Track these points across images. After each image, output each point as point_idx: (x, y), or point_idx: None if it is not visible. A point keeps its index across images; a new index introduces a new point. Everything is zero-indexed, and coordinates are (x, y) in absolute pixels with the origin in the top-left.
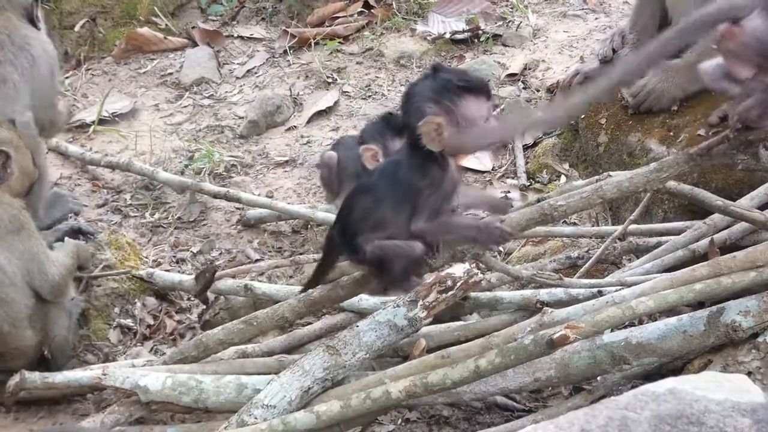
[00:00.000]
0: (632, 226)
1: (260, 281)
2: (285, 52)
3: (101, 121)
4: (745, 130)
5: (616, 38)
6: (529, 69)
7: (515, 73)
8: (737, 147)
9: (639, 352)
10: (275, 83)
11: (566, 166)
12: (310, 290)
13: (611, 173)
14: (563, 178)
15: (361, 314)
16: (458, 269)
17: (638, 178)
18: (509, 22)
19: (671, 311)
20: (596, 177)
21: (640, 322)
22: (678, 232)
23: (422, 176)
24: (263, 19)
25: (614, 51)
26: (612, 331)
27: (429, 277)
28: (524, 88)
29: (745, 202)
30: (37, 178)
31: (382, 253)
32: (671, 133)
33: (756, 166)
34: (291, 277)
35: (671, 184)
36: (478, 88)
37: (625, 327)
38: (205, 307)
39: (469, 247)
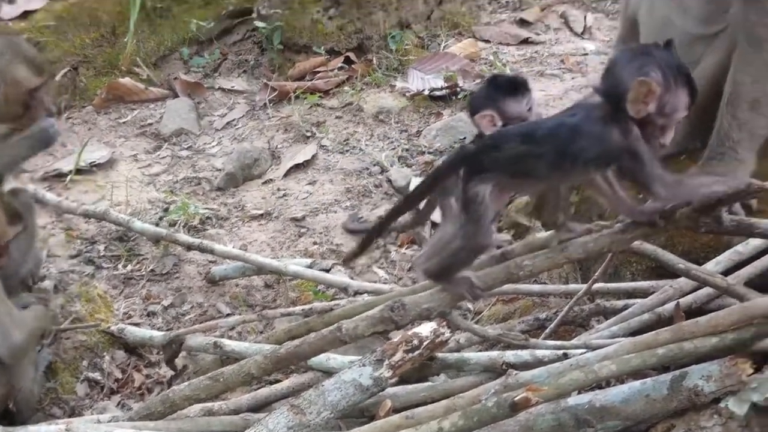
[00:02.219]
0: (600, 286)
1: (230, 337)
2: (265, 105)
3: (79, 171)
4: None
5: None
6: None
7: None
8: (700, 211)
9: (603, 415)
10: (254, 136)
11: (538, 224)
12: (277, 347)
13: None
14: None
15: (329, 373)
16: (425, 328)
17: (603, 239)
18: None
19: (639, 374)
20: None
21: (608, 384)
22: (645, 293)
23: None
24: (245, 71)
25: None
26: (579, 393)
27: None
28: None
29: (711, 267)
30: (9, 238)
31: (476, 205)
32: (640, 196)
33: (719, 229)
34: (261, 332)
35: (636, 243)
36: (693, 89)
37: (591, 389)
38: (174, 373)
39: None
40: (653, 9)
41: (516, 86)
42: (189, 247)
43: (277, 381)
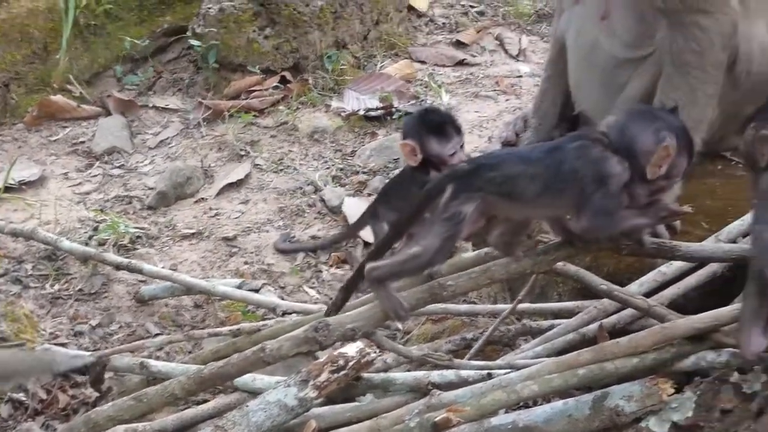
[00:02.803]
0: (527, 306)
1: (158, 357)
2: (199, 123)
3: (7, 189)
4: None
5: (518, 122)
6: None
7: None
8: (622, 233)
9: None
10: (188, 154)
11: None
12: (201, 368)
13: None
14: None
15: (255, 393)
16: (351, 348)
17: (526, 260)
18: (422, 100)
19: (565, 393)
20: (484, 250)
21: (535, 403)
22: (570, 313)
23: (598, 168)
24: (180, 90)
25: (517, 135)
26: (507, 411)
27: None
28: None
29: (635, 288)
30: None
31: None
32: (568, 217)
33: (640, 252)
34: (189, 352)
35: (559, 265)
36: (693, 154)
37: (516, 409)
38: (99, 394)
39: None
40: (581, 32)
41: (444, 128)
42: (118, 267)
43: (205, 401)
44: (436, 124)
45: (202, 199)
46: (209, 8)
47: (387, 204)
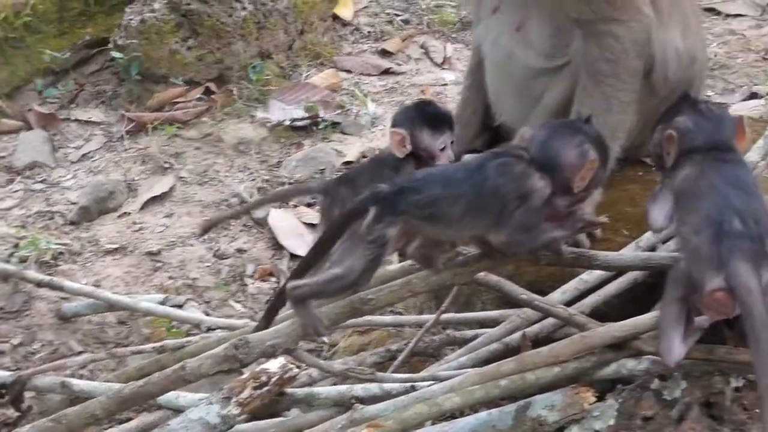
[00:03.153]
0: (451, 316)
1: (82, 376)
2: (122, 136)
3: None
4: None
5: None
6: (366, 157)
7: (351, 161)
8: None
9: None
10: (111, 168)
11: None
12: (122, 386)
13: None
14: None
15: (179, 411)
16: (274, 364)
17: (445, 272)
18: (348, 110)
19: (491, 404)
20: (408, 261)
21: (462, 414)
22: (495, 322)
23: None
24: (102, 102)
25: None
26: (433, 423)
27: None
28: None
29: (556, 296)
30: None
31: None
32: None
33: (559, 262)
34: (113, 370)
35: (480, 275)
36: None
37: (444, 420)
38: (19, 415)
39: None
40: (497, 43)
41: (439, 121)
42: (39, 284)
43: (130, 419)
44: (430, 117)
45: (126, 213)
46: (131, 20)
47: (351, 188)
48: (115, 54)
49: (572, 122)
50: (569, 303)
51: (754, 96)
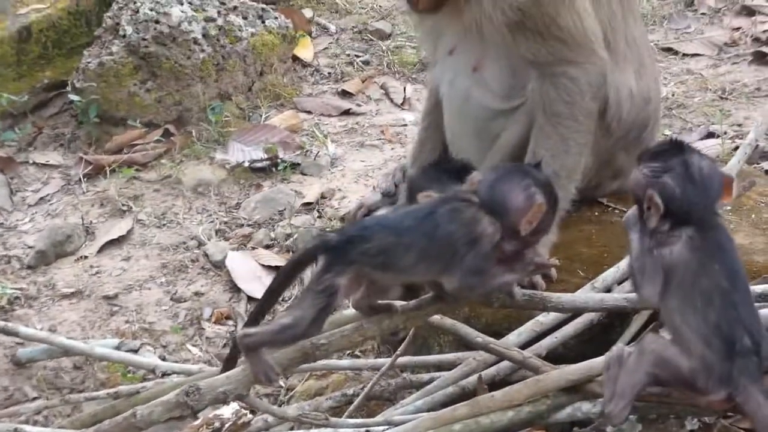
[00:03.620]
0: (408, 359)
1: (36, 422)
2: (80, 179)
3: None
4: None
5: (397, 173)
6: (325, 198)
7: (311, 202)
8: None
9: None
10: (68, 211)
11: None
12: None
13: None
14: None
15: None
16: (227, 410)
17: (398, 316)
18: (307, 151)
19: None
20: None
21: None
22: (450, 365)
23: (471, 230)
24: (61, 145)
25: (396, 185)
26: None
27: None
28: (319, 217)
29: (513, 338)
30: None
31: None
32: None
33: (512, 304)
34: (68, 416)
35: (435, 318)
36: (556, 207)
37: None
38: None
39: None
40: (454, 84)
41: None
42: None
43: None
44: (453, 172)
45: (83, 256)
46: (89, 62)
47: None
48: (74, 97)
49: (520, 166)
50: (525, 345)
51: (711, 135)
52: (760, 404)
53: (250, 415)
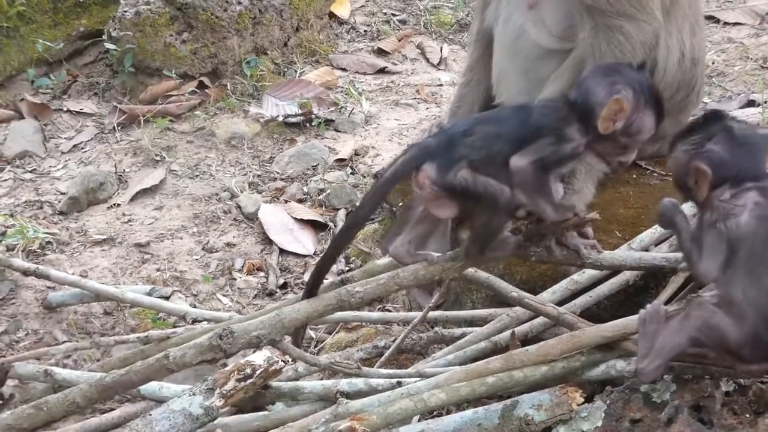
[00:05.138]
0: (440, 314)
1: (66, 365)
2: (114, 128)
3: None
4: (537, 224)
5: (433, 129)
6: (359, 155)
7: (344, 158)
8: (530, 239)
9: None
10: (102, 159)
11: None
12: (104, 375)
13: None
14: None
15: (162, 402)
16: (258, 356)
17: (435, 266)
18: (342, 108)
19: (479, 402)
20: None
21: (448, 412)
22: (483, 321)
23: (558, 129)
24: (95, 94)
25: None
26: (420, 419)
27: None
28: (352, 174)
29: (547, 296)
30: None
31: (472, 185)
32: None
33: (548, 258)
34: (98, 360)
35: (470, 271)
36: (661, 113)
37: (430, 417)
38: (1, 402)
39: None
40: (508, 20)
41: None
42: (25, 273)
43: (112, 409)
44: None
45: (116, 204)
46: (125, 12)
47: None
48: (109, 46)
49: (616, 65)
50: (560, 303)
51: (751, 104)
52: None
53: (281, 363)
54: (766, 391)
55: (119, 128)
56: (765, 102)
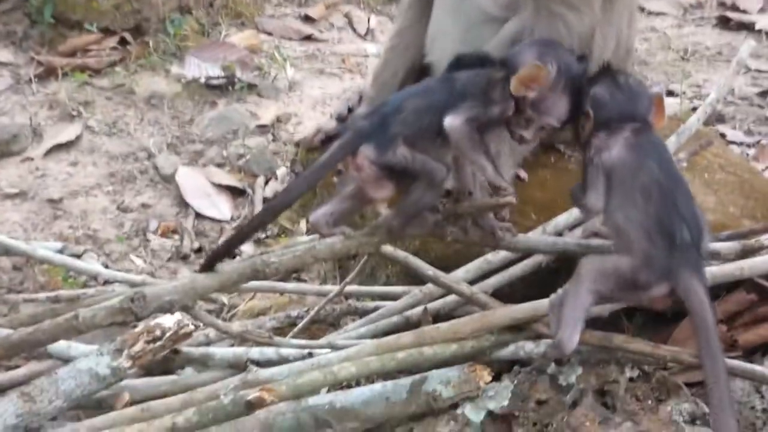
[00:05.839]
0: (353, 288)
1: None
2: (31, 79)
3: None
4: (456, 204)
5: (353, 97)
6: (281, 122)
7: (266, 124)
8: (448, 219)
9: (342, 416)
10: (16, 111)
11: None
12: (11, 332)
13: None
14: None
15: (70, 362)
16: (169, 319)
17: (351, 241)
18: (266, 73)
19: (389, 376)
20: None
21: (358, 384)
22: (396, 296)
23: (483, 93)
24: (13, 43)
25: (350, 110)
26: (329, 391)
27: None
28: (273, 141)
29: (461, 274)
30: None
31: (411, 162)
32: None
33: (464, 239)
34: (5, 315)
35: (388, 248)
36: (580, 108)
37: (339, 389)
38: None
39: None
40: None
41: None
42: None
43: (18, 366)
44: None
45: (29, 158)
46: None
47: None
48: None
49: (559, 44)
50: (473, 282)
51: (670, 94)
52: (699, 294)
53: (191, 327)
54: (669, 379)
55: (36, 80)
56: (683, 93)
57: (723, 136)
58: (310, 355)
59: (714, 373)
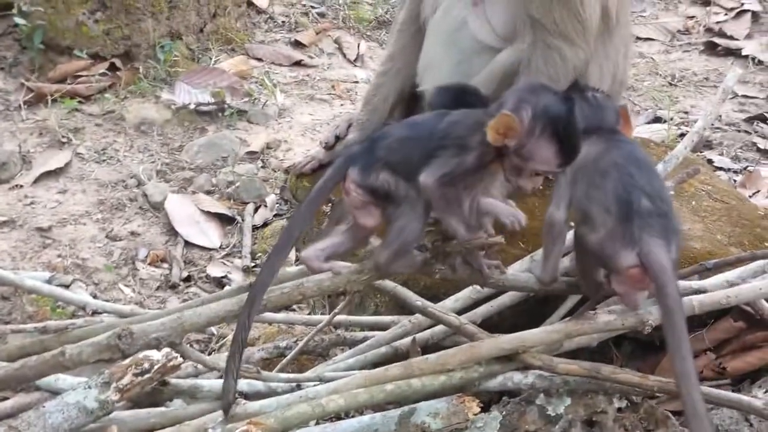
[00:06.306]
0: (342, 317)
1: None
2: (20, 106)
3: None
4: (444, 243)
5: (342, 125)
6: (270, 148)
7: (255, 151)
8: (437, 257)
9: None
10: (5, 138)
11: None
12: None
13: None
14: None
15: (58, 394)
16: (157, 352)
17: (339, 278)
18: (255, 99)
19: (377, 408)
20: None
21: (347, 416)
22: (385, 326)
23: (461, 138)
24: (2, 68)
25: (338, 138)
26: (317, 423)
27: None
28: (263, 167)
29: (449, 303)
30: None
31: (394, 188)
32: None
33: (453, 276)
34: None
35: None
36: (572, 147)
37: (328, 421)
38: None
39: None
40: (449, 11)
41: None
42: None
43: (6, 398)
44: None
45: (18, 185)
46: None
47: None
48: (19, 20)
49: (545, 87)
50: (462, 311)
51: (657, 120)
52: (659, 258)
53: (179, 359)
54: (657, 409)
55: (25, 106)
56: (671, 119)
57: (710, 162)
58: (299, 387)
59: (675, 342)
